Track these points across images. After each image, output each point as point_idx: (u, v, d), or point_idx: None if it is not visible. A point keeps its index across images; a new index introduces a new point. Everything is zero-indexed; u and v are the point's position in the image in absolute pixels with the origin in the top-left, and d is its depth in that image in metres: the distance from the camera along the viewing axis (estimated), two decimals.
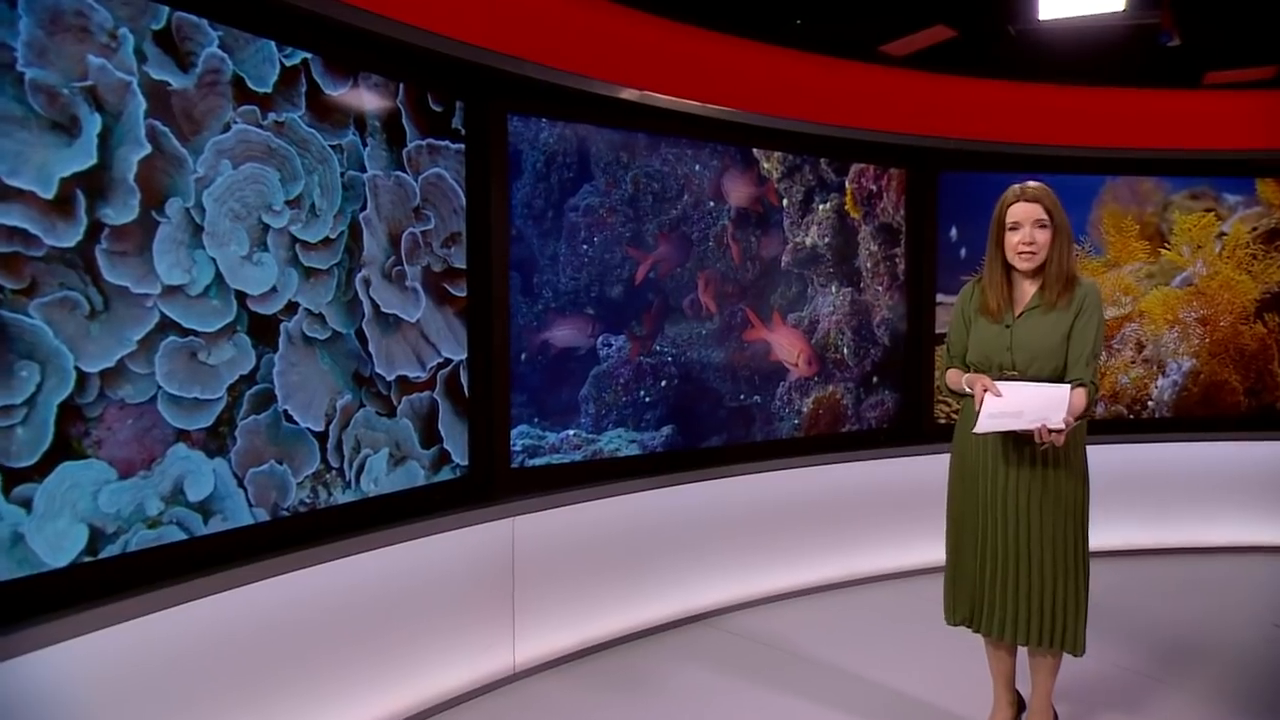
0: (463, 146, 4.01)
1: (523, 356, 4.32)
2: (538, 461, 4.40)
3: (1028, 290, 3.37)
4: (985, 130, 5.85)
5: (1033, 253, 3.29)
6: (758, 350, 5.26)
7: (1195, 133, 6.11)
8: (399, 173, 3.69)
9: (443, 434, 3.95)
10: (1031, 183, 3.36)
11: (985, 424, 3.17)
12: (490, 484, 4.22)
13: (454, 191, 3.97)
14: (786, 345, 5.39)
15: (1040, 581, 3.31)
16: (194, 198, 2.93)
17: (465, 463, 4.08)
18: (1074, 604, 3.33)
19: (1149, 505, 6.23)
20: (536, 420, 4.39)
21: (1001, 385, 3.23)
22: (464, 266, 4.04)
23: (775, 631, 4.82)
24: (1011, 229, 3.32)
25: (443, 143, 3.91)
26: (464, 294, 4.04)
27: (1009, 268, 3.39)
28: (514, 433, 4.32)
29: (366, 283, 3.55)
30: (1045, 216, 3.29)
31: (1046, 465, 3.29)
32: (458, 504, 4.00)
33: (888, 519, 5.67)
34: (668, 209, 4.80)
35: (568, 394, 4.49)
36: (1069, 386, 3.20)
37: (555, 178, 4.38)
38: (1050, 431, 3.12)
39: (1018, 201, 3.31)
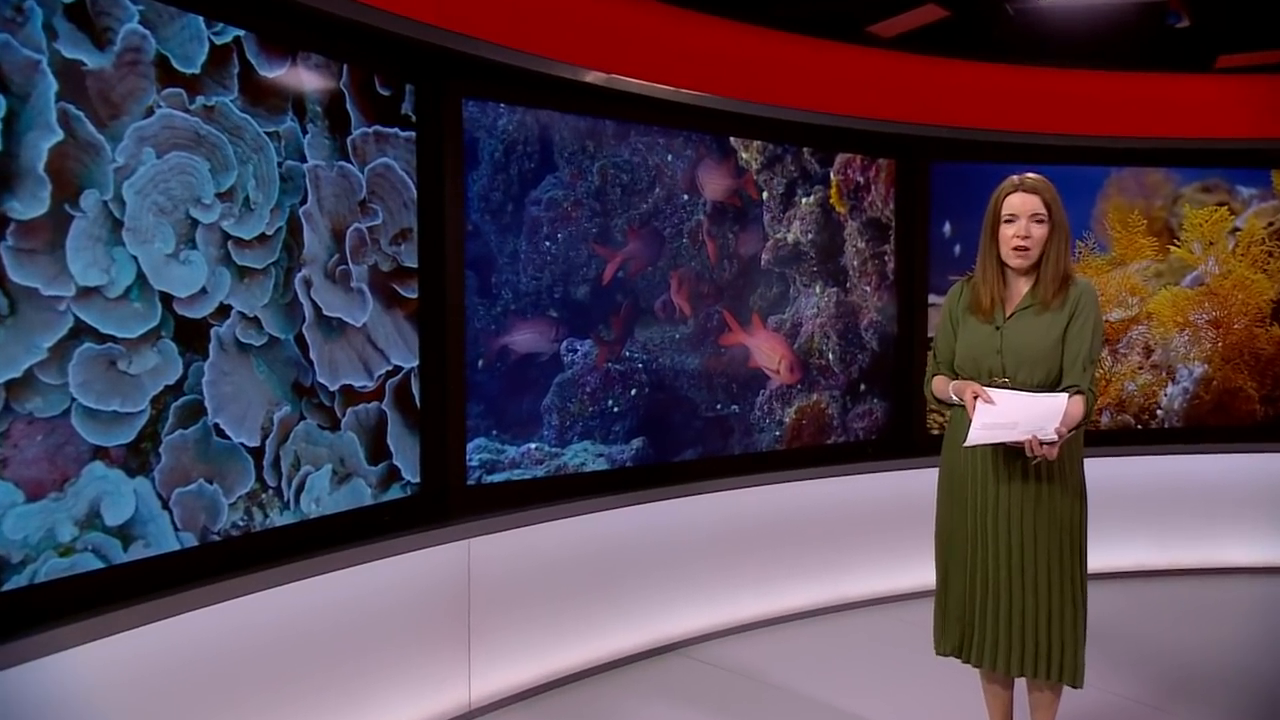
0: (413, 134, 3.99)
1: (480, 363, 4.30)
2: (496, 478, 4.38)
3: (1020, 289, 3.38)
4: (981, 117, 5.86)
5: (1027, 249, 3.29)
6: (736, 356, 5.26)
7: (1207, 120, 6.13)
8: (343, 163, 3.66)
9: (392, 448, 3.92)
10: (1031, 174, 3.36)
11: (977, 435, 3.16)
12: (444, 503, 4.20)
13: (404, 183, 3.95)
14: (767, 350, 5.39)
15: (1034, 607, 3.30)
16: (113, 189, 2.87)
17: (416, 480, 4.05)
18: (1072, 631, 3.32)
19: (1157, 522, 6.24)
20: (495, 433, 4.37)
21: (993, 393, 3.23)
22: (415, 265, 4.01)
23: (754, 662, 4.79)
24: (1007, 221, 3.33)
25: (391, 130, 3.88)
26: (415, 295, 4.01)
27: (1003, 265, 3.40)
28: (470, 446, 4.30)
29: (307, 283, 3.51)
30: (1043, 210, 3.30)
31: (1040, 480, 3.28)
32: (408, 525, 3.97)
33: (877, 538, 5.67)
34: (638, 202, 4.80)
35: (529, 404, 4.48)
36: (1066, 395, 3.19)
37: (515, 168, 4.37)
38: (1042, 444, 3.11)
39: (1015, 192, 3.32)
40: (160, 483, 3.03)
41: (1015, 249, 3.31)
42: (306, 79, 3.50)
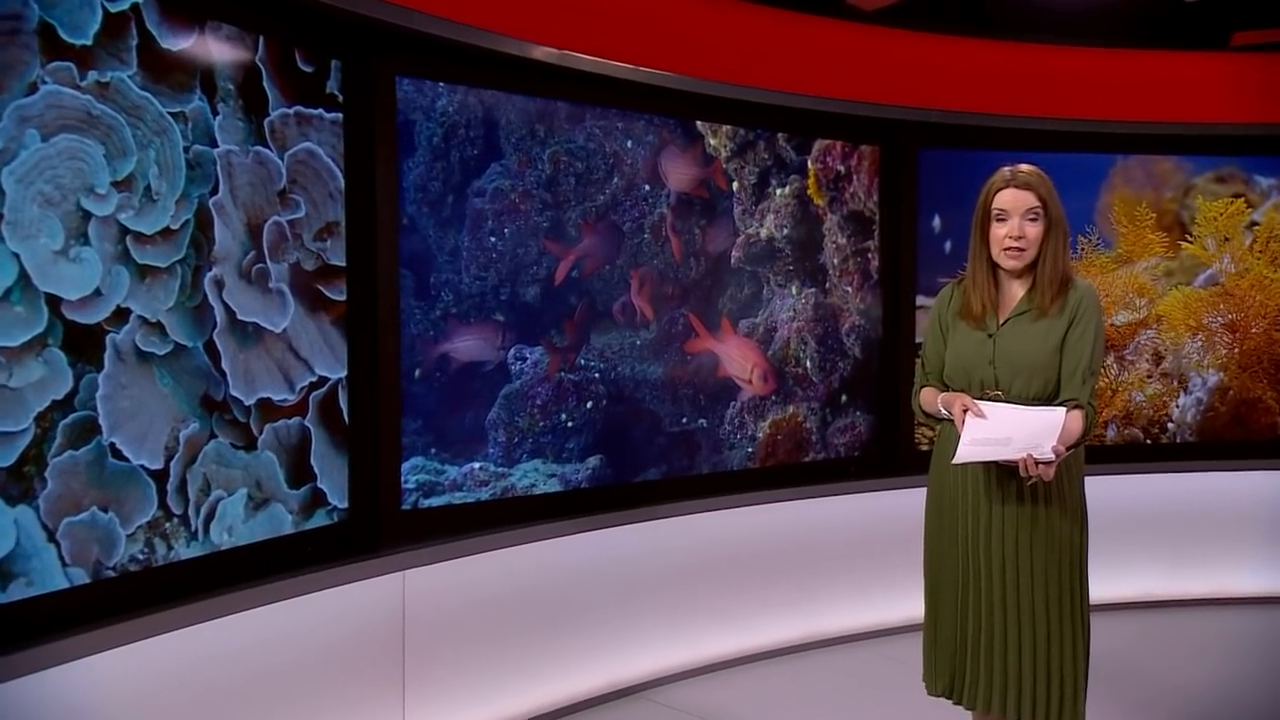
0: (340, 116, 3.95)
1: (416, 373, 4.28)
2: (435, 501, 4.35)
3: (1016, 292, 3.42)
4: (974, 100, 5.87)
5: (1021, 249, 3.32)
6: (703, 364, 5.26)
7: (1221, 103, 6.14)
8: (260, 148, 3.61)
9: (316, 470, 3.88)
10: (1024, 166, 3.39)
11: (966, 453, 3.18)
12: (376, 530, 4.15)
13: (330, 171, 3.91)
14: (738, 358, 5.38)
15: (1031, 642, 3.31)
16: None
17: (344, 505, 4.01)
18: (1071, 669, 3.32)
19: (1168, 548, 6.25)
20: (434, 451, 4.34)
21: (985, 406, 3.24)
22: (343, 264, 3.98)
23: (723, 706, 4.79)
24: (998, 220, 3.36)
25: (315, 111, 3.84)
26: (343, 298, 3.98)
27: (995, 266, 3.43)
28: (405, 467, 4.26)
29: (219, 284, 3.45)
30: (1038, 206, 3.32)
31: (1036, 502, 3.30)
32: (335, 556, 3.93)
33: (860, 566, 5.68)
34: (594, 194, 4.79)
35: (472, 419, 4.46)
36: (1064, 410, 3.20)
37: (456, 155, 4.35)
38: (1038, 464, 3.12)
39: (1006, 187, 3.34)
40: (46, 512, 2.95)
41: (1008, 250, 3.33)
42: (217, 52, 3.44)
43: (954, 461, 3.21)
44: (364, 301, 4.08)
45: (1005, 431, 3.17)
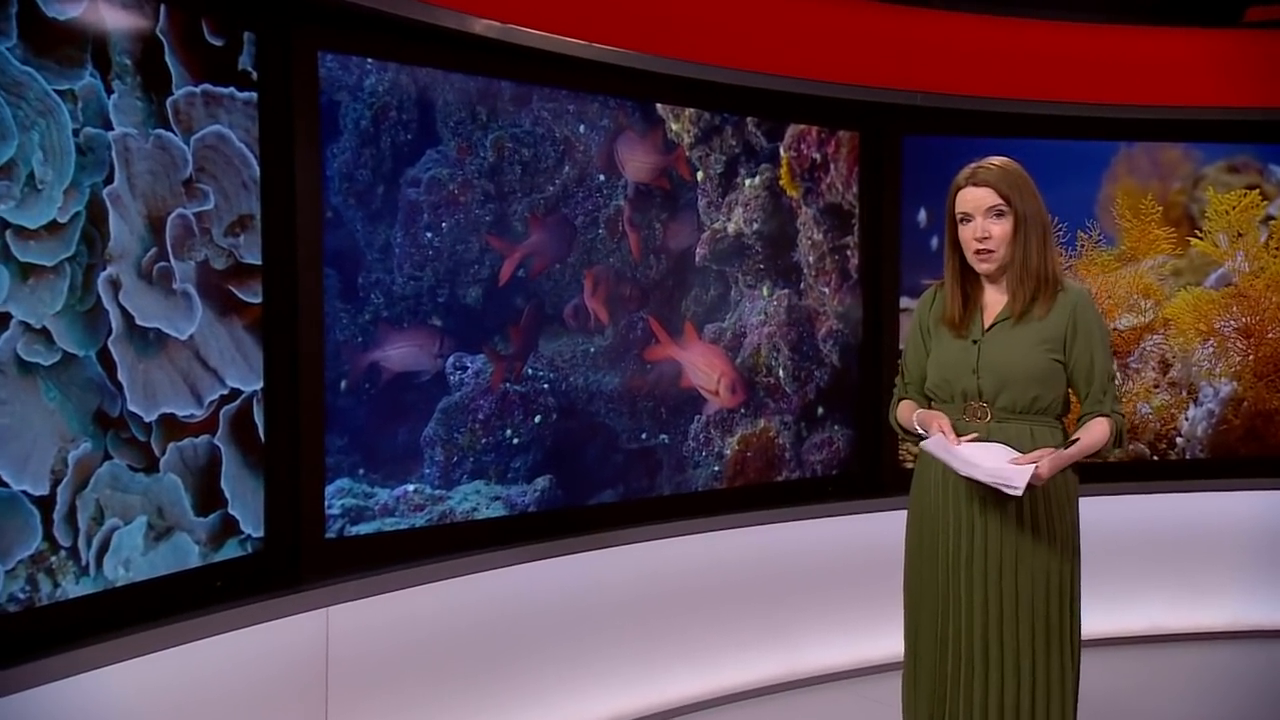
0: (254, 96, 3.90)
1: (342, 385, 4.24)
2: (364, 529, 4.30)
3: (997, 298, 3.52)
4: (963, 81, 5.88)
5: (990, 250, 3.41)
6: (664, 373, 5.25)
7: (1234, 85, 6.16)
8: (162, 131, 3.54)
9: (227, 494, 3.82)
10: (992, 159, 3.46)
11: (934, 444, 3.35)
12: (295, 562, 4.11)
13: (243, 158, 3.85)
14: (703, 366, 5.37)
15: (1015, 679, 3.36)
16: None
17: (260, 533, 3.96)
18: (1059, 708, 3.39)
19: (1177, 575, 6.26)
20: (362, 472, 4.30)
21: (964, 442, 3.35)
22: (258, 262, 3.94)
23: None
24: (962, 222, 3.46)
25: (225, 90, 3.78)
26: (258, 300, 3.93)
27: (969, 270, 3.52)
28: (329, 490, 4.21)
29: (114, 285, 3.39)
30: (1000, 203, 3.38)
31: (1023, 528, 3.37)
32: (249, 591, 3.86)
33: (840, 598, 5.69)
34: (543, 184, 4.78)
35: (406, 436, 4.43)
36: (1032, 469, 3.23)
37: (387, 140, 4.31)
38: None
39: (966, 186, 3.44)
40: None
41: (977, 253, 3.42)
42: (111, 22, 3.37)
43: (921, 445, 3.39)
44: (282, 304, 4.03)
45: (977, 460, 3.27)
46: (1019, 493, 3.16)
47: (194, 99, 3.64)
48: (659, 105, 5.15)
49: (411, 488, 4.43)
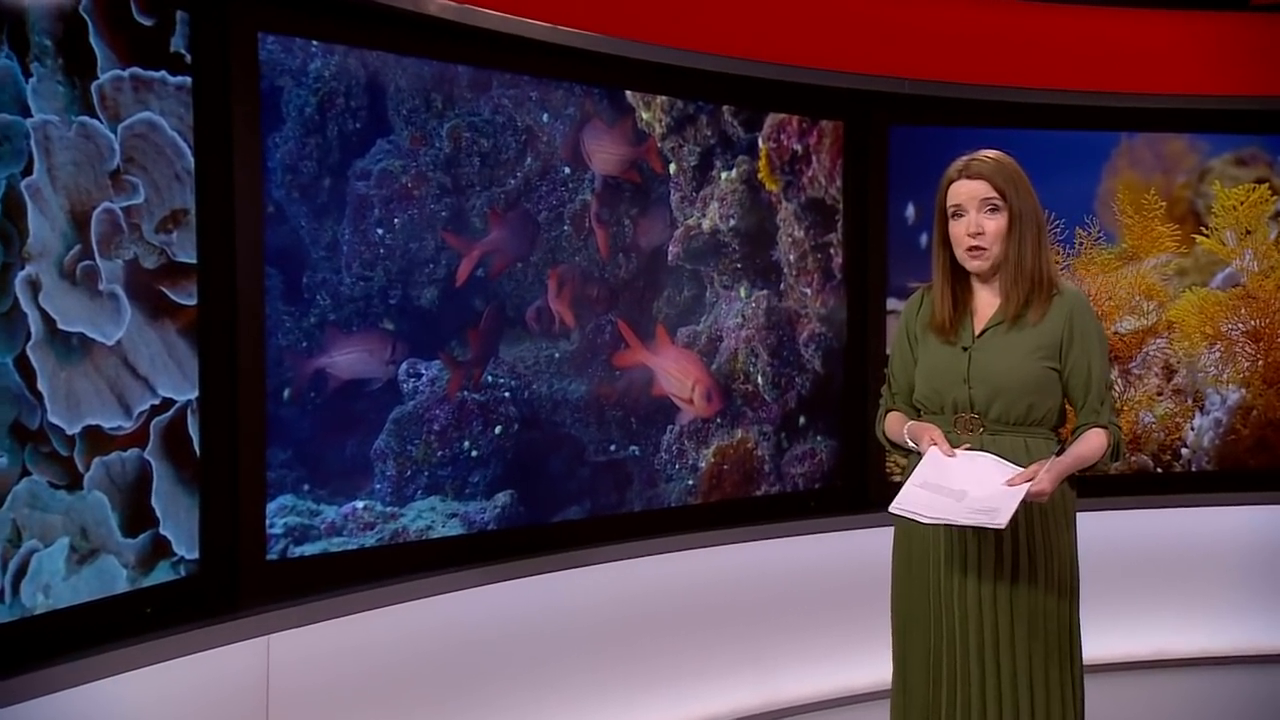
0: (188, 80, 3.84)
1: (286, 394, 4.20)
2: (309, 549, 4.27)
3: (990, 300, 3.54)
4: (954, 68, 5.90)
5: (982, 248, 3.43)
6: (635, 380, 5.24)
7: (1242, 73, 6.19)
8: (86, 118, 3.49)
9: (159, 513, 3.77)
10: (986, 152, 3.49)
11: (909, 496, 3.28)
12: (234, 586, 4.05)
13: (176, 148, 3.80)
14: (676, 373, 5.36)
15: (1014, 712, 3.38)
16: None
17: (194, 555, 3.90)
18: None
19: (1184, 596, 6.27)
20: (307, 488, 4.26)
21: (961, 452, 3.35)
22: (193, 260, 3.88)
23: None
24: (954, 217, 3.48)
25: (156, 74, 3.72)
26: (193, 302, 3.88)
27: (960, 270, 3.55)
28: (272, 508, 4.17)
29: (33, 286, 3.34)
30: (995, 196, 3.41)
31: (1019, 558, 3.38)
32: (183, 618, 3.81)
33: (824, 621, 5.70)
34: (503, 177, 4.76)
35: (355, 448, 4.40)
36: (1025, 488, 3.24)
37: (334, 129, 4.28)
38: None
39: (959, 179, 3.46)
40: None
41: (969, 250, 3.45)
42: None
43: (892, 506, 3.28)
44: (219, 307, 3.99)
45: (961, 484, 3.25)
46: (1003, 527, 3.12)
47: (121, 83, 3.60)
48: (628, 93, 5.15)
49: (361, 505, 4.40)
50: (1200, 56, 6.17)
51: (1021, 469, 3.25)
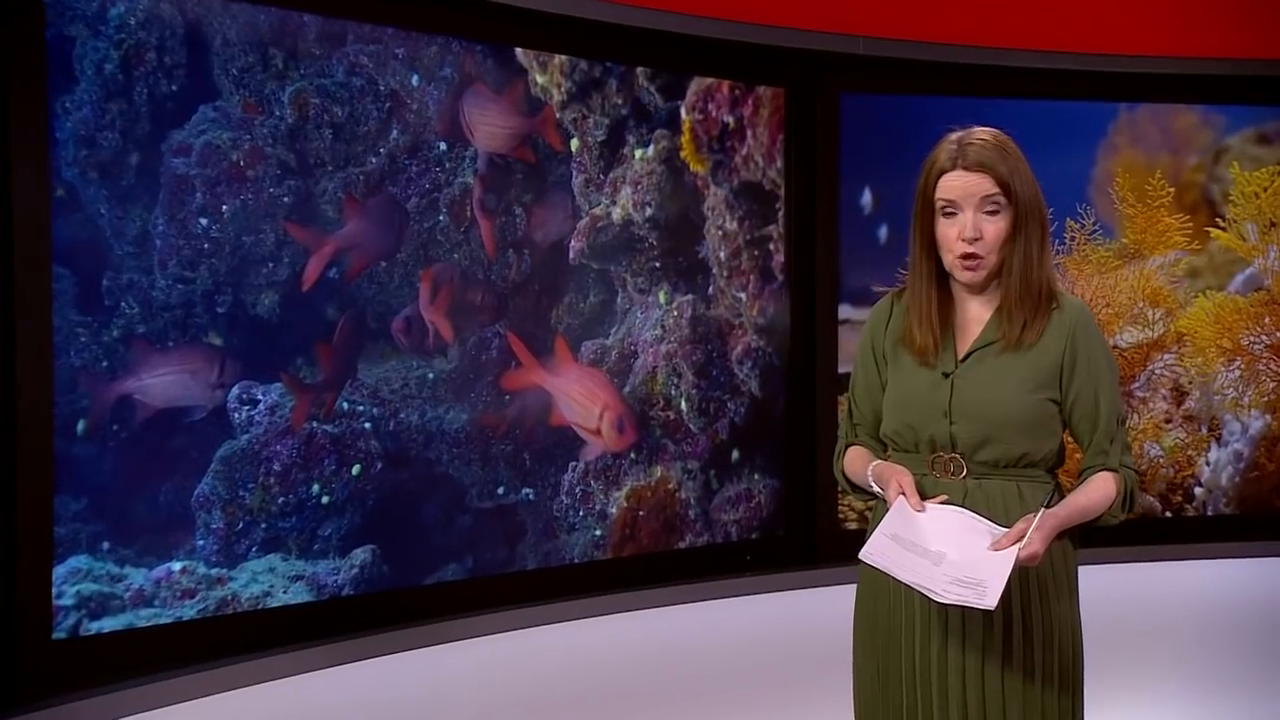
0: None
1: (80, 426, 4.04)
2: (109, 624, 4.08)
3: (978, 314, 3.47)
4: (918, 24, 5.85)
5: (979, 256, 3.34)
6: (529, 407, 5.18)
7: (1264, 33, 6.16)
8: None
9: None
10: (980, 132, 3.39)
11: (878, 546, 3.20)
12: (10, 674, 3.86)
13: None
14: (579, 397, 5.29)
15: None
16: None
17: None
18: None
19: (1200, 662, 6.25)
20: (108, 547, 4.09)
21: (929, 507, 3.28)
22: None
23: None
24: (945, 214, 3.36)
25: None
26: None
27: (944, 277, 3.47)
28: (60, 572, 3.98)
29: None
30: (997, 193, 3.30)
31: (1010, 625, 3.32)
32: None
33: (764, 702, 5.63)
34: (362, 154, 4.69)
35: (171, 495, 4.25)
36: (1015, 550, 3.17)
37: (143, 92, 4.13)
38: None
39: (953, 169, 3.34)
40: None
41: (964, 259, 3.34)
42: None
43: (862, 554, 3.20)
44: None
45: (938, 544, 3.18)
46: (991, 608, 3.03)
47: None
48: (519, 51, 5.09)
49: (178, 566, 4.24)
50: (1214, 13, 6.14)
51: (1006, 529, 3.16)
